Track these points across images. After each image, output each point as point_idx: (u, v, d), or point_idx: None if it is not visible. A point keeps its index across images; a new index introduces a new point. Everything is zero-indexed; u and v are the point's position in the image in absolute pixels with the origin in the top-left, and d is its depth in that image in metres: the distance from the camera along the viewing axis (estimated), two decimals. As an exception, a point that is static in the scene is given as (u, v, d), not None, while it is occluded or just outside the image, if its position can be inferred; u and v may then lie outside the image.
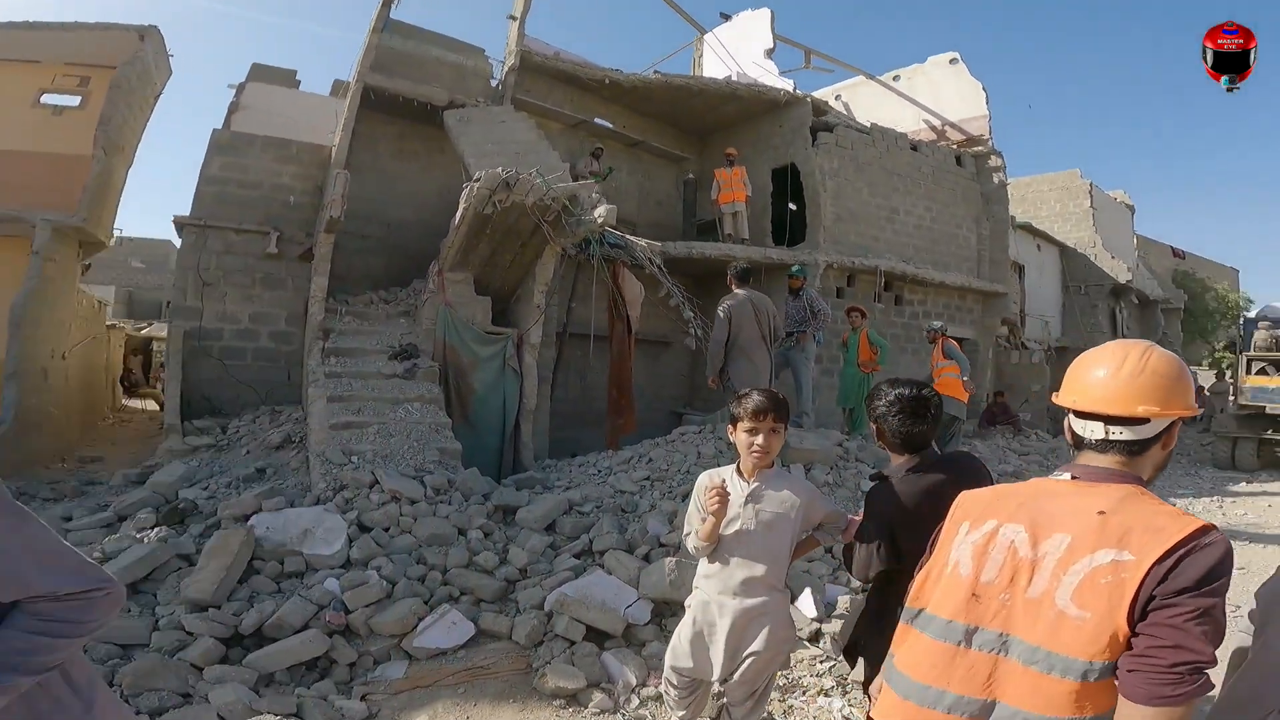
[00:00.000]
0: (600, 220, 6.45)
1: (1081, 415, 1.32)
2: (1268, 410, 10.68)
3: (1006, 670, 1.21)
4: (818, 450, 6.01)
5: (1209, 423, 15.31)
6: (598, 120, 11.09)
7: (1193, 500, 8.07)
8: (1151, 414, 1.24)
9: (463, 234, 6.72)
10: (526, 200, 6.48)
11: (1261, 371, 11.36)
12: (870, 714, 1.44)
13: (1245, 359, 11.69)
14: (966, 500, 1.41)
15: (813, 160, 10.62)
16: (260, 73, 12.03)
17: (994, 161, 12.76)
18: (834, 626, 3.77)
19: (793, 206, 11.21)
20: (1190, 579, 1.08)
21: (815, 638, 3.78)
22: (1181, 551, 1.10)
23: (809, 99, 11.17)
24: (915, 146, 12.08)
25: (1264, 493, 8.89)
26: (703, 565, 2.23)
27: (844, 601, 4.04)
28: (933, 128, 13.25)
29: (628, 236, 7.59)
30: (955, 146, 12.82)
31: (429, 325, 6.76)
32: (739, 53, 12.85)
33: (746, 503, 2.13)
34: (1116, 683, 1.11)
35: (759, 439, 2.11)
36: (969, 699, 1.22)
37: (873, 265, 10.60)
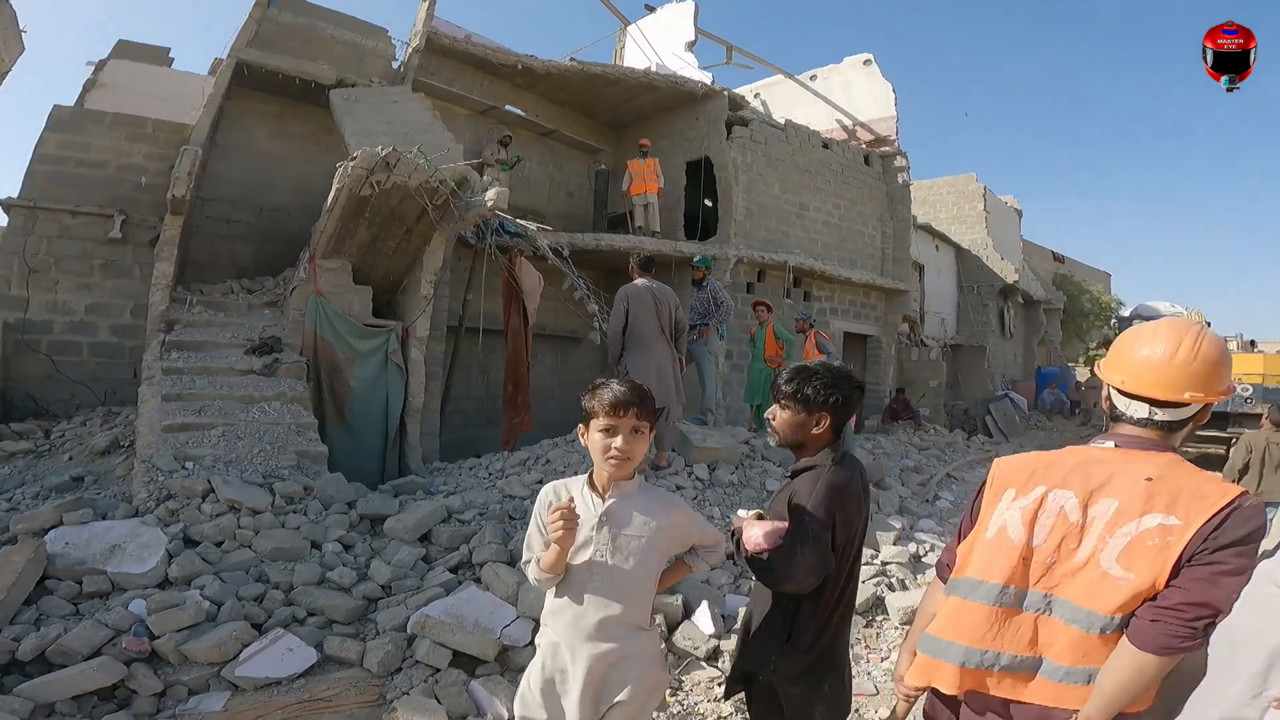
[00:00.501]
0: (490, 204, 6.00)
1: (1126, 394, 1.36)
2: None
3: (1050, 629, 1.28)
4: (722, 449, 5.77)
5: (1086, 417, 16.36)
6: (508, 108, 10.70)
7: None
8: (1196, 400, 1.30)
9: (336, 217, 6.10)
10: (409, 182, 5.95)
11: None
12: (914, 683, 1.46)
13: None
14: (1005, 469, 1.45)
15: (727, 154, 10.56)
16: (126, 49, 10.88)
17: (899, 162, 13.12)
18: (733, 643, 3.47)
19: (708, 203, 11.11)
20: (1233, 537, 1.15)
21: (714, 656, 3.46)
22: (1225, 514, 1.17)
23: (725, 92, 11.10)
24: (826, 144, 12.26)
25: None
26: (550, 599, 1.80)
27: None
28: (844, 127, 13.51)
29: (525, 223, 7.17)
30: (864, 146, 13.11)
31: (297, 317, 6.09)
32: (661, 45, 12.67)
33: (600, 525, 1.71)
34: (1125, 630, 1.20)
35: (617, 440, 1.69)
36: (1021, 657, 1.29)
37: (782, 260, 10.59)
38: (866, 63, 13.30)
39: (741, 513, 1.86)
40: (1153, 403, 1.32)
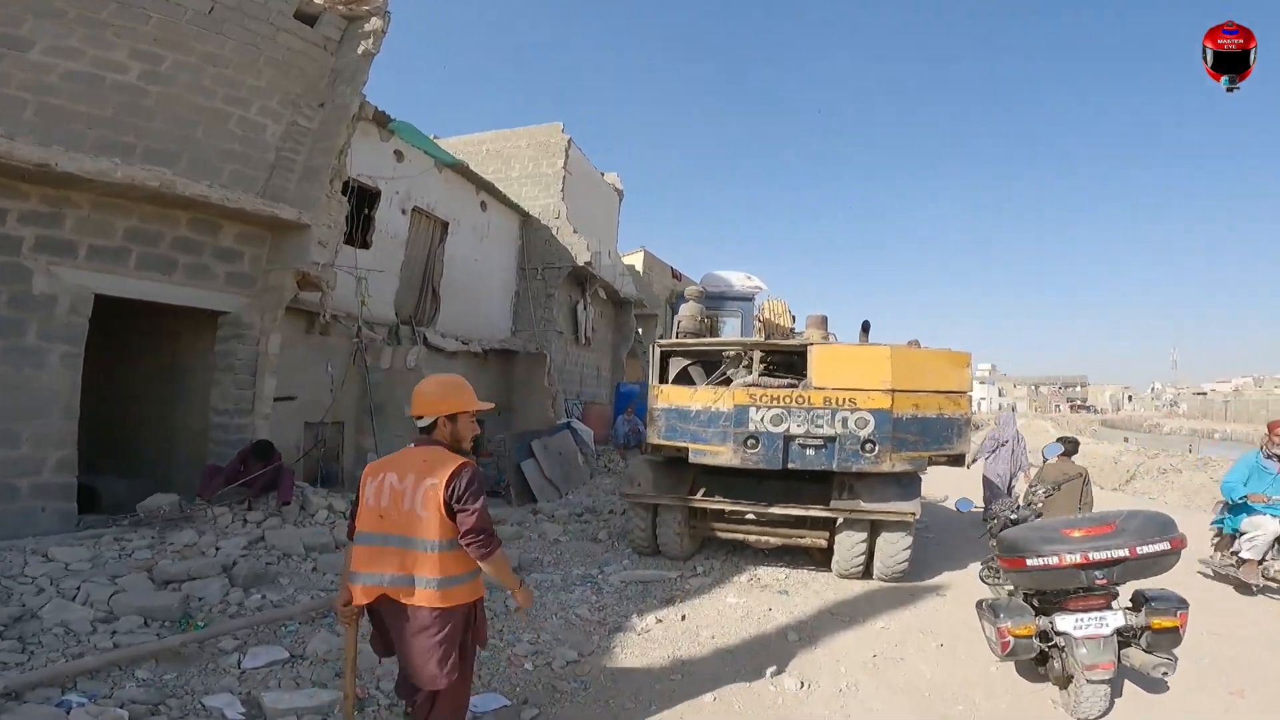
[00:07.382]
0: None
1: (415, 417, 2.56)
2: (690, 457, 5.64)
3: (411, 555, 2.32)
4: None
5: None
6: None
7: None
8: (428, 415, 2.50)
9: None
10: None
11: (682, 377, 6.13)
12: (357, 602, 2.41)
13: (658, 352, 6.25)
14: (370, 469, 2.49)
15: None
16: None
17: (372, 25, 7.20)
18: None
19: None
20: (461, 491, 2.33)
21: None
22: (453, 475, 2.33)
23: None
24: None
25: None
26: None
27: None
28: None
29: None
30: (338, 8, 7.03)
31: None
32: None
33: None
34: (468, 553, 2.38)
35: None
36: (399, 575, 2.33)
37: None
38: None
39: None
40: (417, 419, 2.53)
